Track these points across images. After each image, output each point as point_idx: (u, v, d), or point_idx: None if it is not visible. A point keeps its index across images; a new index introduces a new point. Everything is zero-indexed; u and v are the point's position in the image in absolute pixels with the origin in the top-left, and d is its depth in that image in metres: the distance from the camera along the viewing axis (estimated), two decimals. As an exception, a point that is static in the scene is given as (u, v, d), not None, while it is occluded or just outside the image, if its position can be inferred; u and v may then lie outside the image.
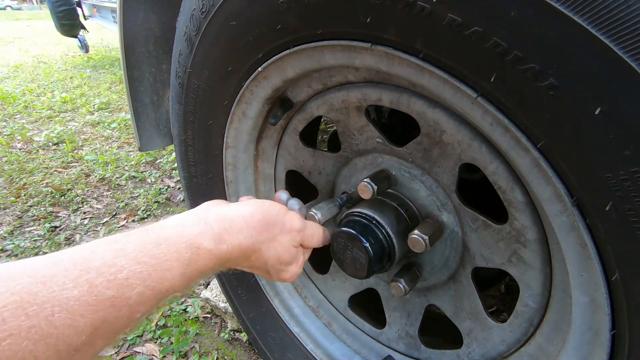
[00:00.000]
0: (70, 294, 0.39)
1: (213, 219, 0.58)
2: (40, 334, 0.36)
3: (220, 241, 0.56)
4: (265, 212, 0.64)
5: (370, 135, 0.76)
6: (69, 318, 0.38)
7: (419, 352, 0.89)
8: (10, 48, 8.13)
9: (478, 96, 0.49)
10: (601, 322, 0.51)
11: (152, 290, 0.46)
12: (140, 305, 0.45)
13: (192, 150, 0.99)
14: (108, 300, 0.42)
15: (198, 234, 0.54)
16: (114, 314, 0.43)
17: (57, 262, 0.42)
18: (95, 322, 0.41)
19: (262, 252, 0.63)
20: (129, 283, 0.44)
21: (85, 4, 5.07)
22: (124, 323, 0.44)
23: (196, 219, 0.57)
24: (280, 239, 0.65)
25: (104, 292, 0.42)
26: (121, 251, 0.46)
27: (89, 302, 0.40)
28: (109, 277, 0.43)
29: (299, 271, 0.71)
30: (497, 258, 0.68)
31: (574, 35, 0.38)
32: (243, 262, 0.63)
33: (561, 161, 0.45)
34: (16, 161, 2.85)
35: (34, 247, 2.00)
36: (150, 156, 2.95)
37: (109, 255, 0.45)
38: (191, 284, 0.53)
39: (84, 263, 0.43)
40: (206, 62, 0.80)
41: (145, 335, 1.51)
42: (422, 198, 0.75)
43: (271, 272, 0.67)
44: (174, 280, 0.49)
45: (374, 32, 0.54)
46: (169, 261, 0.49)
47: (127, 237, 0.49)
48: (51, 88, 4.83)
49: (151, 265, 0.47)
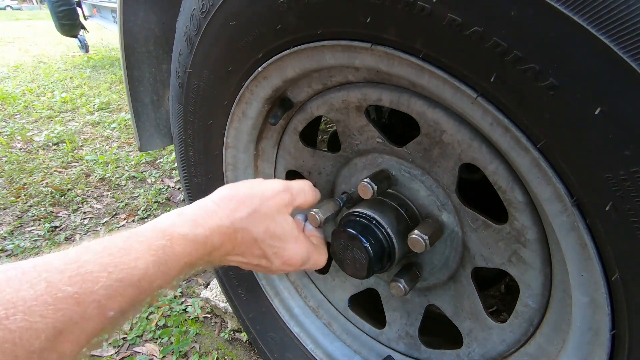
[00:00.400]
0: (26, 294, 0.36)
1: (186, 211, 0.57)
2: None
3: (196, 226, 0.53)
4: (237, 189, 0.62)
5: (370, 135, 0.76)
6: (25, 320, 0.35)
7: (419, 352, 0.89)
8: (10, 48, 8.13)
9: (478, 96, 0.49)
10: (601, 322, 0.51)
11: (120, 282, 0.43)
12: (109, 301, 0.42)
13: (192, 150, 0.99)
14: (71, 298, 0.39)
15: (171, 224, 0.52)
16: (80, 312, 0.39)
17: (15, 267, 0.39)
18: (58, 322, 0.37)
19: (247, 230, 0.59)
20: (93, 277, 0.41)
21: (85, 4, 5.07)
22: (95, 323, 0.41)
23: (170, 214, 0.56)
24: (263, 209, 0.60)
25: (65, 288, 0.38)
26: (86, 248, 0.44)
27: (48, 301, 0.37)
28: (70, 274, 0.40)
29: (302, 251, 0.65)
30: (497, 258, 0.68)
31: (574, 35, 0.38)
32: (232, 247, 0.59)
33: (561, 161, 0.45)
34: (16, 161, 2.85)
35: (34, 247, 2.00)
36: (150, 156, 2.95)
37: (72, 253, 0.42)
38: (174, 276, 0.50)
39: (44, 264, 0.40)
40: (206, 62, 0.80)
41: (145, 335, 1.51)
42: (422, 198, 0.75)
43: (268, 253, 0.62)
44: (147, 270, 0.45)
45: (374, 32, 0.54)
46: (138, 251, 0.46)
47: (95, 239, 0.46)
48: (51, 88, 4.83)
49: (117, 257, 0.44)
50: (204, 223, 0.55)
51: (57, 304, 0.38)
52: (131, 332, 1.51)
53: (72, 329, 0.39)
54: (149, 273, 0.46)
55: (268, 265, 0.64)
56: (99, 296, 0.41)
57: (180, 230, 0.52)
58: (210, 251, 0.55)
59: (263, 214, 0.60)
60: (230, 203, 0.59)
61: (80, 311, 0.39)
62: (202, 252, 0.54)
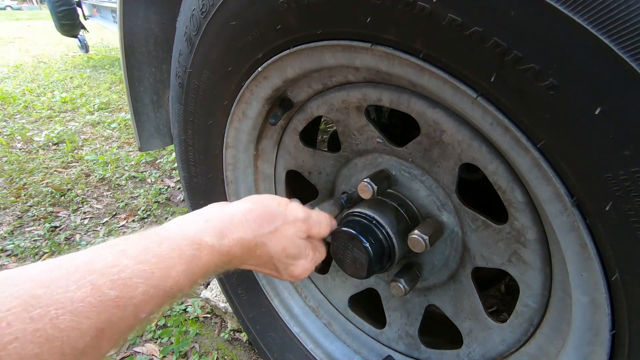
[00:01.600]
0: (73, 296, 0.39)
1: (213, 217, 0.59)
2: (45, 337, 0.36)
3: (222, 237, 0.56)
4: (265, 205, 0.64)
5: (370, 135, 0.76)
6: (73, 320, 0.38)
7: (419, 352, 0.89)
8: (10, 48, 8.13)
9: (478, 96, 0.49)
10: (601, 322, 0.51)
11: (155, 288, 0.46)
12: (144, 305, 0.45)
13: (192, 150, 0.99)
14: (112, 301, 0.41)
15: (199, 231, 0.55)
16: (119, 314, 0.42)
17: (58, 266, 0.41)
18: (100, 323, 0.40)
19: (266, 246, 0.62)
20: (133, 282, 0.44)
21: (85, 4, 5.07)
22: (129, 324, 0.44)
23: (196, 219, 0.58)
24: (283, 230, 0.64)
25: (107, 292, 0.41)
26: (123, 252, 0.46)
27: (93, 303, 0.40)
28: (112, 278, 0.42)
29: (310, 267, 0.69)
30: (497, 258, 0.68)
31: (574, 35, 0.38)
32: (248, 258, 0.62)
33: (561, 161, 0.45)
34: (16, 161, 2.85)
35: (34, 247, 1.99)
36: (150, 156, 2.95)
37: (111, 256, 0.45)
38: (196, 282, 0.53)
39: (86, 265, 0.42)
40: (206, 62, 0.80)
41: (145, 335, 1.51)
42: (422, 198, 0.75)
43: (280, 268, 0.66)
44: (178, 277, 0.49)
45: (374, 32, 0.54)
46: (172, 259, 0.49)
47: (128, 240, 0.49)
48: (51, 88, 4.83)
49: (154, 264, 0.47)
50: (229, 234, 0.57)
51: (101, 306, 0.40)
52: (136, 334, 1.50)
53: (110, 329, 0.42)
54: (179, 281, 0.49)
55: (277, 276, 0.69)
56: (137, 300, 0.44)
57: (208, 240, 0.54)
58: (230, 260, 0.58)
59: (282, 234, 0.64)
60: (257, 218, 0.62)
61: (119, 313, 0.42)
62: (224, 261, 0.57)
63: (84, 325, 0.39)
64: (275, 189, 1.03)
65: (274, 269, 0.66)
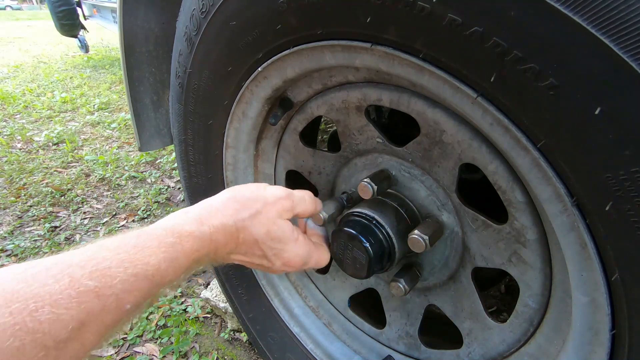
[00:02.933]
0: (52, 289, 0.39)
1: (192, 209, 0.60)
2: (26, 330, 0.36)
3: (201, 223, 0.57)
4: (242, 190, 0.65)
5: (370, 135, 0.76)
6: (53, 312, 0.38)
7: (419, 352, 0.89)
8: (10, 48, 8.13)
9: (478, 96, 0.49)
10: (601, 322, 0.51)
11: (135, 277, 0.46)
12: (126, 295, 0.45)
13: (192, 150, 0.99)
14: (91, 292, 0.42)
15: (179, 222, 0.56)
16: (100, 304, 0.42)
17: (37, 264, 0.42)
18: (81, 314, 0.41)
19: (248, 229, 0.62)
20: (111, 272, 0.44)
21: (85, 4, 5.07)
22: (113, 316, 0.44)
23: (176, 214, 0.59)
24: (265, 212, 0.63)
25: (86, 283, 0.42)
26: (102, 246, 0.47)
27: (72, 295, 0.40)
28: (90, 269, 0.43)
29: (302, 252, 0.67)
30: (497, 258, 0.68)
31: (574, 35, 0.38)
32: (234, 246, 0.62)
33: (561, 161, 0.45)
34: (16, 161, 2.85)
35: (34, 247, 2.00)
36: (150, 156, 2.95)
37: (90, 251, 0.46)
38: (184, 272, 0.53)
39: (65, 260, 0.43)
40: (206, 62, 0.80)
41: (145, 335, 1.51)
42: (422, 198, 0.75)
43: (268, 255, 0.65)
44: (159, 265, 0.49)
45: (374, 32, 0.54)
46: (150, 248, 0.49)
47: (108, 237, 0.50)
48: (51, 88, 4.83)
49: (132, 253, 0.47)
50: (208, 221, 0.58)
51: (80, 297, 0.41)
52: (131, 332, 1.51)
53: (93, 321, 0.42)
54: (161, 268, 0.49)
55: (269, 265, 0.67)
56: (117, 290, 0.44)
57: (187, 228, 0.55)
58: (215, 248, 0.59)
59: (264, 217, 0.63)
60: (234, 204, 0.62)
61: (100, 304, 0.42)
62: (208, 249, 0.57)
63: (65, 317, 0.39)
64: (275, 189, 1.03)
65: (262, 256, 0.65)
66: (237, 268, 1.10)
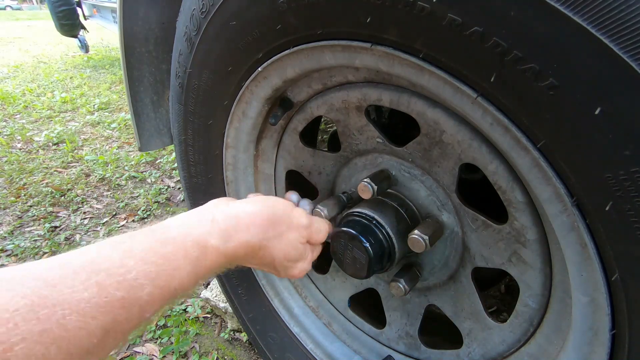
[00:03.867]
0: (80, 296, 0.39)
1: (219, 218, 0.58)
2: (52, 337, 0.36)
3: (228, 239, 0.56)
4: (272, 209, 0.65)
5: (370, 135, 0.76)
6: (80, 320, 0.38)
7: (419, 352, 0.89)
8: (10, 48, 8.13)
9: (478, 96, 0.49)
10: (601, 322, 0.51)
11: (161, 289, 0.46)
12: (150, 305, 0.45)
13: (192, 150, 0.99)
14: (118, 302, 0.42)
15: (205, 232, 0.55)
16: (125, 314, 0.42)
17: (64, 265, 0.42)
18: (107, 323, 0.40)
19: (269, 249, 0.63)
20: (139, 283, 0.44)
21: (85, 4, 5.07)
22: (134, 323, 0.44)
23: (202, 218, 0.57)
24: (287, 235, 0.65)
25: (113, 293, 0.41)
26: (129, 252, 0.46)
27: (100, 303, 0.40)
28: (118, 278, 0.42)
29: (307, 267, 0.71)
30: (497, 258, 0.68)
31: (574, 35, 0.38)
32: (251, 259, 0.63)
33: (561, 161, 0.45)
34: (16, 161, 2.85)
35: (34, 247, 1.99)
36: (150, 156, 2.95)
37: (117, 256, 0.45)
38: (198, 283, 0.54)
39: (92, 265, 0.42)
40: (206, 62, 0.80)
41: (145, 335, 1.51)
42: (422, 198, 0.75)
43: (279, 269, 0.67)
44: (182, 278, 0.49)
45: (374, 32, 0.54)
46: (177, 260, 0.49)
47: (133, 238, 0.49)
48: (51, 88, 4.83)
49: (159, 265, 0.47)
50: (235, 236, 0.58)
51: (107, 307, 0.41)
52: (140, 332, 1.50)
53: (116, 329, 0.42)
54: (184, 282, 0.50)
55: (275, 274, 0.70)
56: (143, 301, 0.44)
57: (213, 242, 0.55)
58: (232, 260, 0.59)
59: (286, 239, 0.65)
60: (263, 221, 0.62)
61: (125, 314, 0.42)
62: (228, 262, 0.58)
63: (91, 326, 0.39)
64: (275, 189, 1.03)
65: (273, 268, 0.67)
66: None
